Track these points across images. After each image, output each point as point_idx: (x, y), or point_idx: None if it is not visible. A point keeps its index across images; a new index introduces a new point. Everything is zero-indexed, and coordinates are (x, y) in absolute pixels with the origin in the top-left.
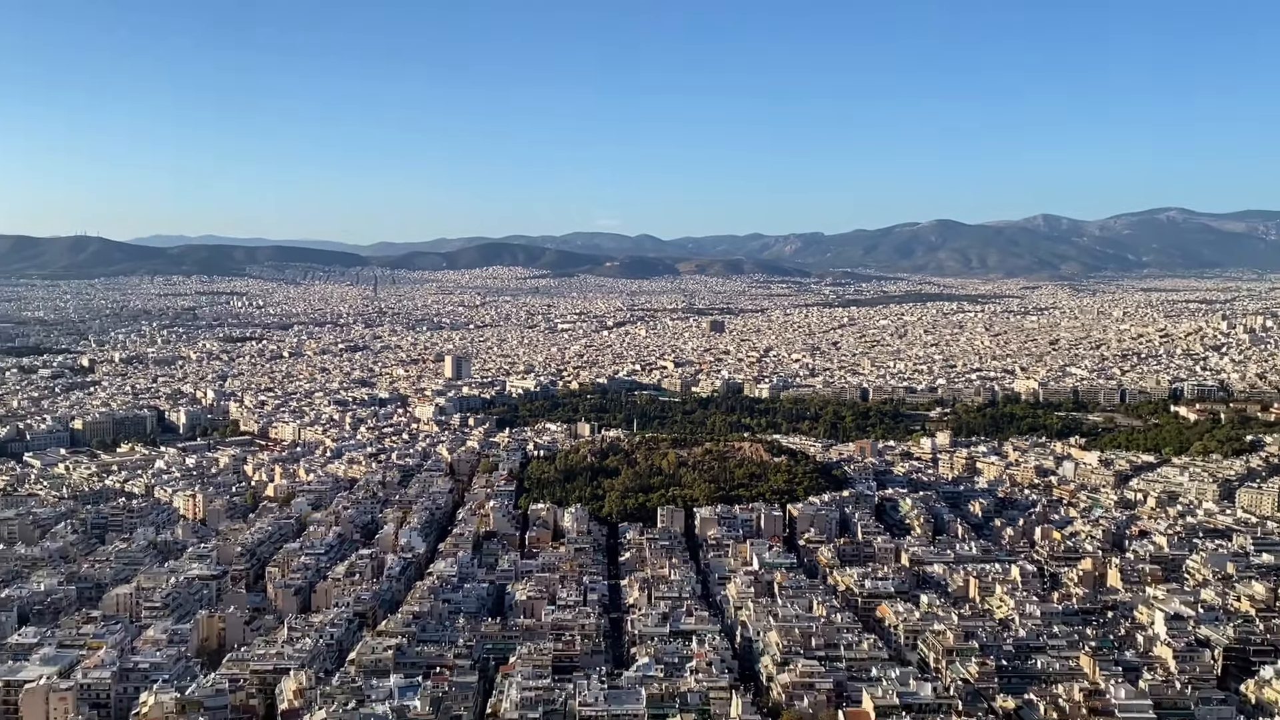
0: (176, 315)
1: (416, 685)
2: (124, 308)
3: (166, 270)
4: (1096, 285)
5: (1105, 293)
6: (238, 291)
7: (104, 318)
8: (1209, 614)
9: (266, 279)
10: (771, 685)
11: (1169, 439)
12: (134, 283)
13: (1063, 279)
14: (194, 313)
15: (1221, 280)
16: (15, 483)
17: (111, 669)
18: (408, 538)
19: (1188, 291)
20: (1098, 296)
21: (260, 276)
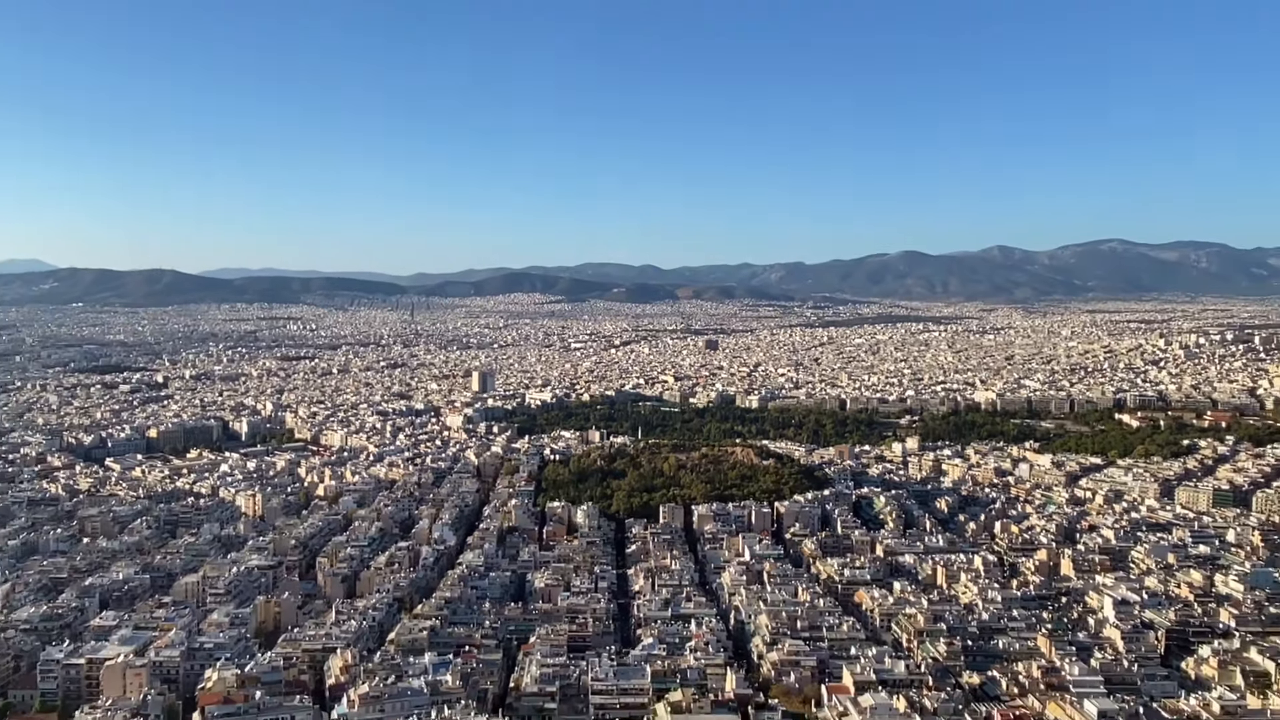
0: (240, 338)
1: (448, 662)
2: (194, 331)
3: (231, 299)
4: (1046, 308)
5: (1054, 314)
6: (293, 317)
7: (176, 340)
8: (1152, 599)
9: (318, 306)
10: (762, 663)
11: (1114, 443)
12: (203, 310)
13: (1016, 302)
14: (255, 335)
15: (1158, 303)
16: (98, 484)
17: (180, 648)
18: (440, 532)
19: (1128, 313)
20: (1048, 318)
21: (313, 304)
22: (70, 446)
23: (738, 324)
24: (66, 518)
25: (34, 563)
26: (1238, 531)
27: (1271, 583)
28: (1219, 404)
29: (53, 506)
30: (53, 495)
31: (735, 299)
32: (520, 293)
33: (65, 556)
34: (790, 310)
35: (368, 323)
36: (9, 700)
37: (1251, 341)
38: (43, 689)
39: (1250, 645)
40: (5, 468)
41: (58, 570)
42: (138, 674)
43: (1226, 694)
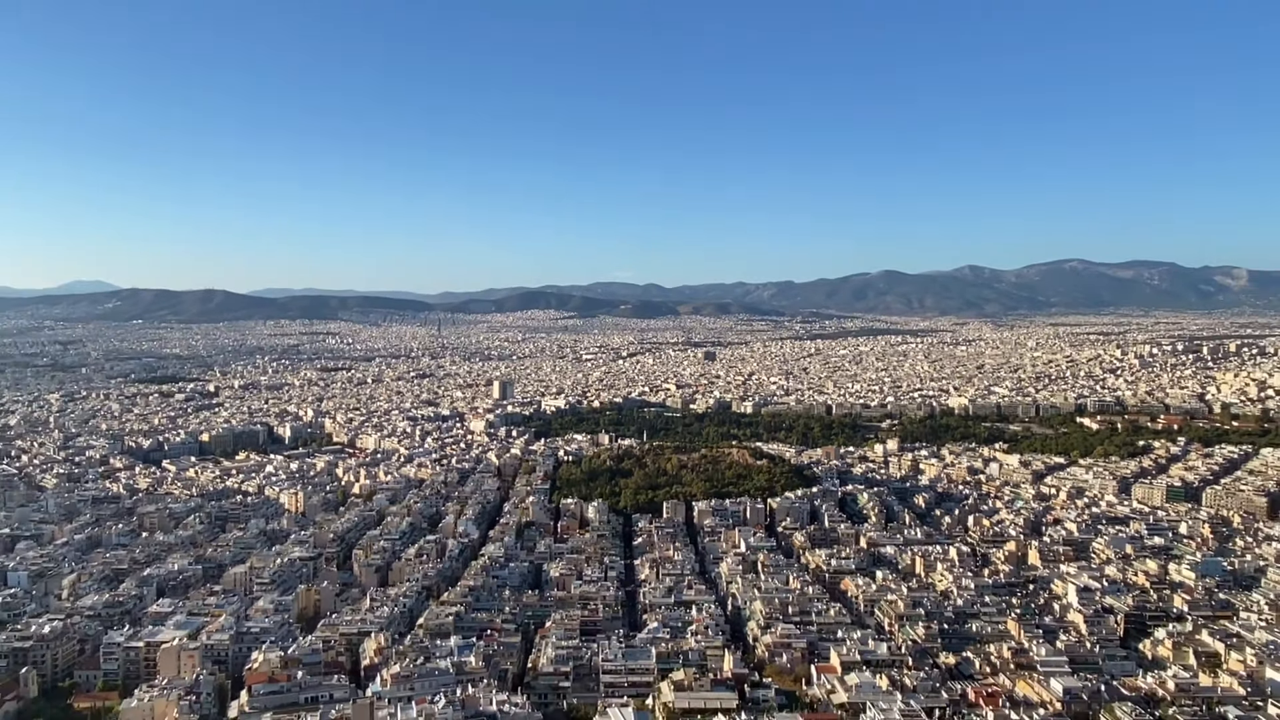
0: (283, 351)
1: (471, 644)
2: (242, 345)
3: (276, 316)
4: (1013, 322)
5: (1021, 328)
6: (332, 332)
7: (226, 353)
8: (1112, 586)
9: (354, 322)
10: (756, 645)
11: (1076, 444)
12: (250, 325)
13: (986, 317)
14: (297, 349)
15: (1115, 317)
16: (155, 484)
17: (229, 632)
18: (464, 526)
19: (1088, 326)
20: (1015, 330)
21: (349, 320)
22: (130, 450)
23: (733, 337)
24: (127, 514)
25: (97, 555)
26: (1189, 524)
27: (1220, 571)
28: (1171, 408)
29: (114, 504)
30: (114, 494)
31: (731, 314)
32: (536, 309)
33: (125, 549)
34: (781, 325)
35: (399, 337)
36: (75, 680)
37: (1200, 352)
38: (105, 670)
39: (1202, 628)
40: (72, 469)
41: (119, 562)
42: (191, 656)
43: (1180, 673)
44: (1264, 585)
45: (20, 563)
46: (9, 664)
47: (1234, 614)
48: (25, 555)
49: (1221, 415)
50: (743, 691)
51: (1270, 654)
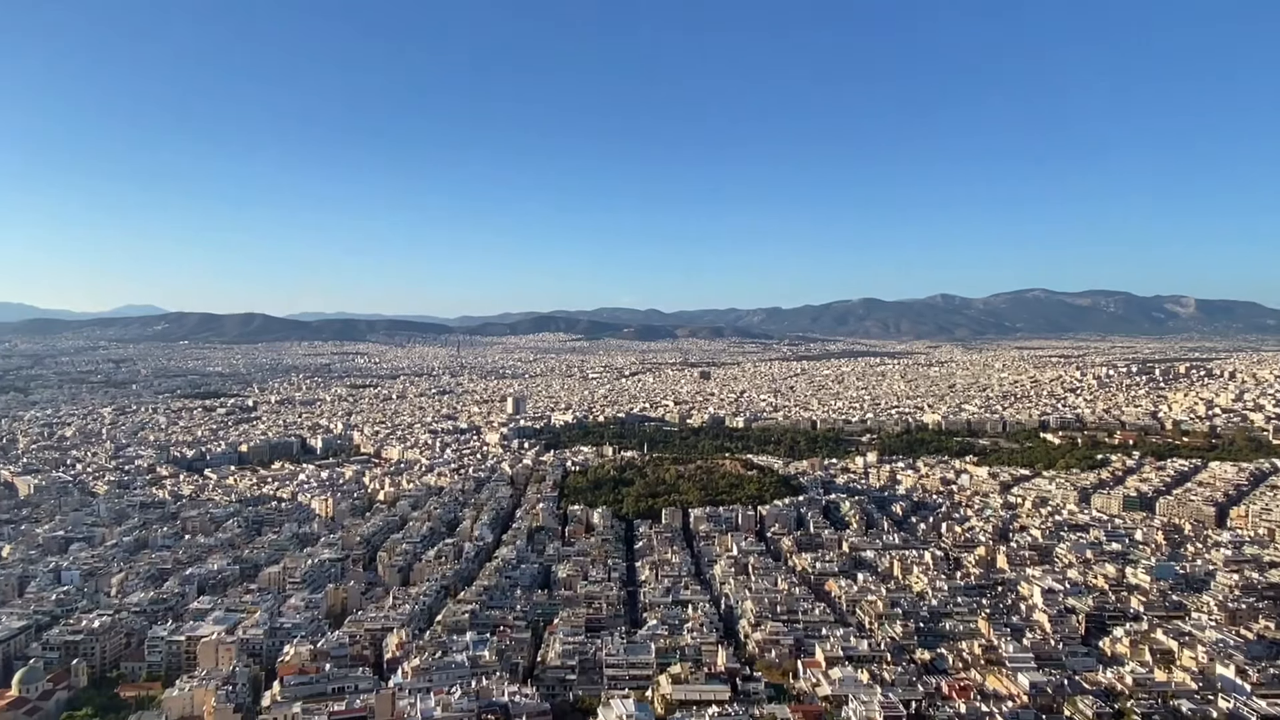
0: (316, 370)
1: (485, 640)
2: (279, 364)
3: (310, 337)
4: (982, 345)
5: (989, 351)
6: (361, 352)
7: (264, 371)
8: (1074, 588)
9: (381, 343)
10: (748, 641)
11: (1040, 457)
12: (286, 346)
13: (957, 341)
14: (329, 368)
15: (1074, 341)
16: (198, 490)
17: (264, 627)
18: (480, 531)
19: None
20: (983, 353)
21: (376, 342)
22: (175, 459)
23: (726, 358)
24: (171, 518)
25: (144, 556)
26: (1144, 531)
27: (1173, 574)
28: (1126, 425)
29: (160, 509)
30: (160, 499)
31: (724, 337)
32: (547, 332)
33: (169, 550)
34: (770, 347)
35: (421, 357)
36: (121, 671)
37: (1153, 373)
38: (149, 661)
39: (1156, 628)
40: (122, 476)
41: (163, 562)
42: (228, 649)
43: (1137, 668)
44: (1213, 588)
45: (73, 562)
46: (61, 656)
47: (1186, 614)
48: (78, 555)
49: (1173, 431)
50: (735, 685)
51: (1220, 651)
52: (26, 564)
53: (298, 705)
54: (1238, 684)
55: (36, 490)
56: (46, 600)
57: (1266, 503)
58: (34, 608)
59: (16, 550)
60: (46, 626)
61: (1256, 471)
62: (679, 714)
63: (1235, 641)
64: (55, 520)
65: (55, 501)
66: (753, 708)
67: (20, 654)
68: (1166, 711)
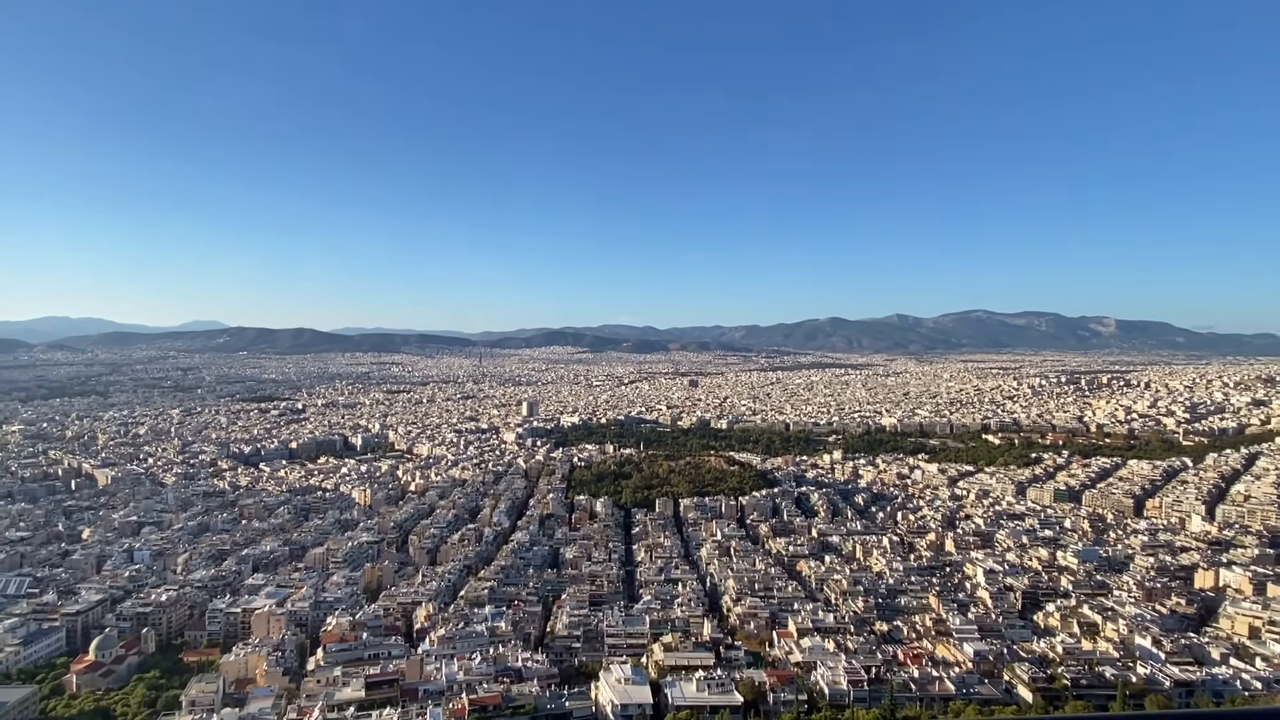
0: (357, 377)
1: (502, 612)
2: (324, 372)
3: (351, 349)
4: (932, 359)
5: (938, 363)
6: (395, 362)
7: (312, 379)
8: (1011, 569)
9: (413, 355)
10: (730, 614)
11: (982, 455)
12: (331, 357)
13: (911, 354)
14: (368, 375)
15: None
16: (253, 481)
17: (310, 601)
18: (498, 517)
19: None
20: (933, 365)
21: (409, 353)
22: (234, 454)
23: (712, 369)
24: (230, 506)
25: (206, 538)
26: (1072, 520)
27: (1097, 558)
28: (1056, 428)
29: (220, 497)
30: (220, 489)
31: (710, 351)
32: (557, 345)
33: (228, 534)
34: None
35: (448, 367)
36: (185, 639)
37: (1079, 383)
38: (209, 630)
39: (1083, 603)
40: (188, 469)
41: (222, 544)
42: (278, 620)
43: (1067, 639)
44: (1132, 569)
45: (144, 544)
46: (133, 625)
47: (1108, 592)
48: (148, 538)
49: (1096, 434)
50: (718, 652)
51: (1138, 625)
52: (104, 545)
53: (338, 669)
54: (1154, 653)
55: (113, 481)
56: (120, 577)
57: (1177, 496)
58: (109, 583)
59: (95, 533)
60: (120, 600)
61: (1169, 469)
62: (670, 677)
63: (1151, 616)
64: (129, 507)
65: (129, 491)
66: (734, 672)
67: (97, 624)
68: (1092, 677)
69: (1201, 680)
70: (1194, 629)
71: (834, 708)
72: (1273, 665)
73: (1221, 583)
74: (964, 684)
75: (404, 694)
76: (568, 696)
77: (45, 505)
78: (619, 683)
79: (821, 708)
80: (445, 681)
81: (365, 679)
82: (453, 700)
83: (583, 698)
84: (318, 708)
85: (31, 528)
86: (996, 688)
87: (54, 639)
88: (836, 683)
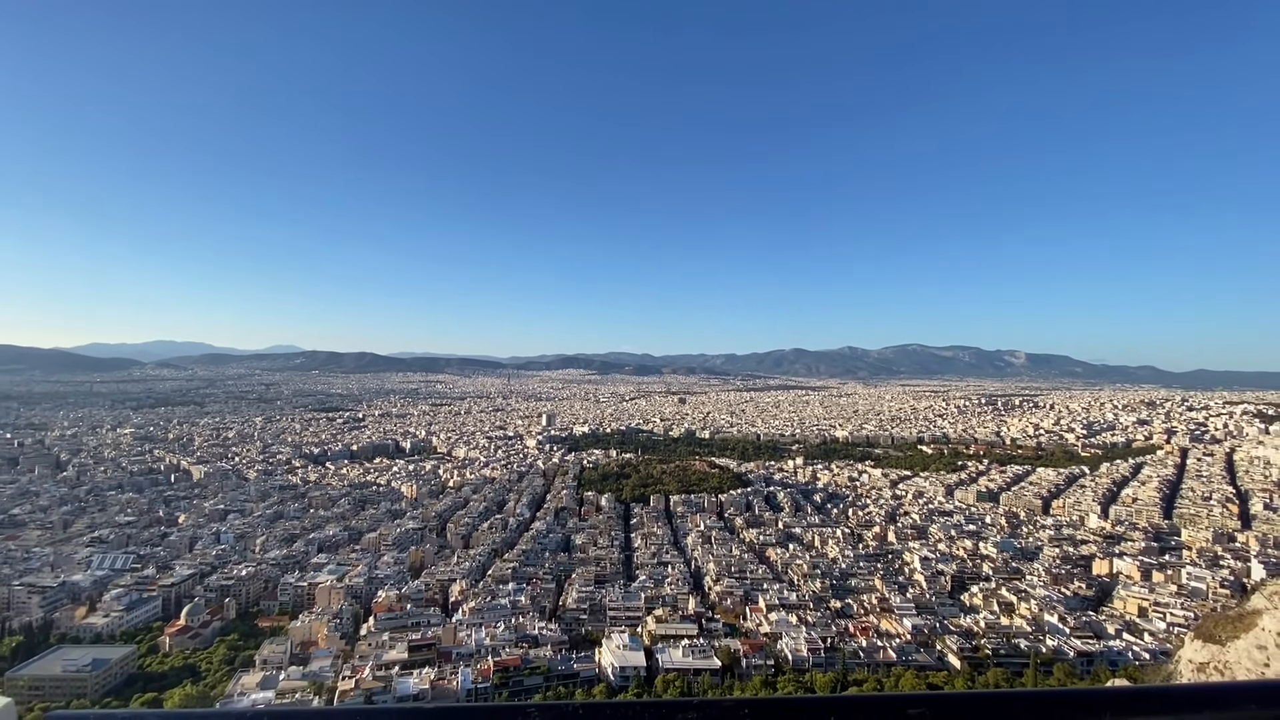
0: (408, 393)
1: (523, 588)
2: (381, 389)
3: (404, 370)
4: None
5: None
6: (440, 381)
7: (371, 394)
8: (942, 557)
9: (454, 375)
10: (710, 592)
11: (917, 462)
12: (388, 376)
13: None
14: (417, 392)
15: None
16: (320, 477)
17: (364, 577)
18: (520, 509)
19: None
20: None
21: (451, 373)
22: (306, 454)
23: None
24: (300, 497)
25: (280, 524)
26: (991, 517)
27: (1012, 548)
28: (978, 441)
29: (293, 490)
30: (293, 483)
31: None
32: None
33: (298, 520)
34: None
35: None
36: (260, 608)
37: (996, 405)
38: (280, 601)
39: (1001, 586)
40: (267, 466)
41: (293, 529)
42: (338, 592)
43: (988, 615)
44: (1041, 558)
45: (229, 528)
46: (218, 596)
47: (1022, 577)
48: (233, 523)
49: (1010, 446)
50: (701, 624)
51: (1047, 604)
52: (196, 529)
53: (386, 634)
54: (1060, 628)
55: (205, 475)
56: (209, 555)
57: (1077, 497)
58: (199, 560)
59: (189, 519)
60: (208, 574)
61: (1070, 475)
62: (660, 645)
63: (1058, 597)
64: (218, 498)
65: (218, 484)
66: (713, 640)
67: (188, 594)
68: (1009, 648)
69: (1100, 651)
70: (1093, 609)
71: (796, 671)
72: (1159, 639)
73: (1114, 570)
74: (903, 653)
75: (440, 656)
76: (576, 659)
77: (149, 495)
78: (618, 649)
79: (786, 671)
80: (474, 646)
81: (408, 643)
82: (480, 662)
83: (588, 661)
84: (368, 666)
85: (136, 513)
86: (930, 656)
87: (151, 606)
88: (798, 650)
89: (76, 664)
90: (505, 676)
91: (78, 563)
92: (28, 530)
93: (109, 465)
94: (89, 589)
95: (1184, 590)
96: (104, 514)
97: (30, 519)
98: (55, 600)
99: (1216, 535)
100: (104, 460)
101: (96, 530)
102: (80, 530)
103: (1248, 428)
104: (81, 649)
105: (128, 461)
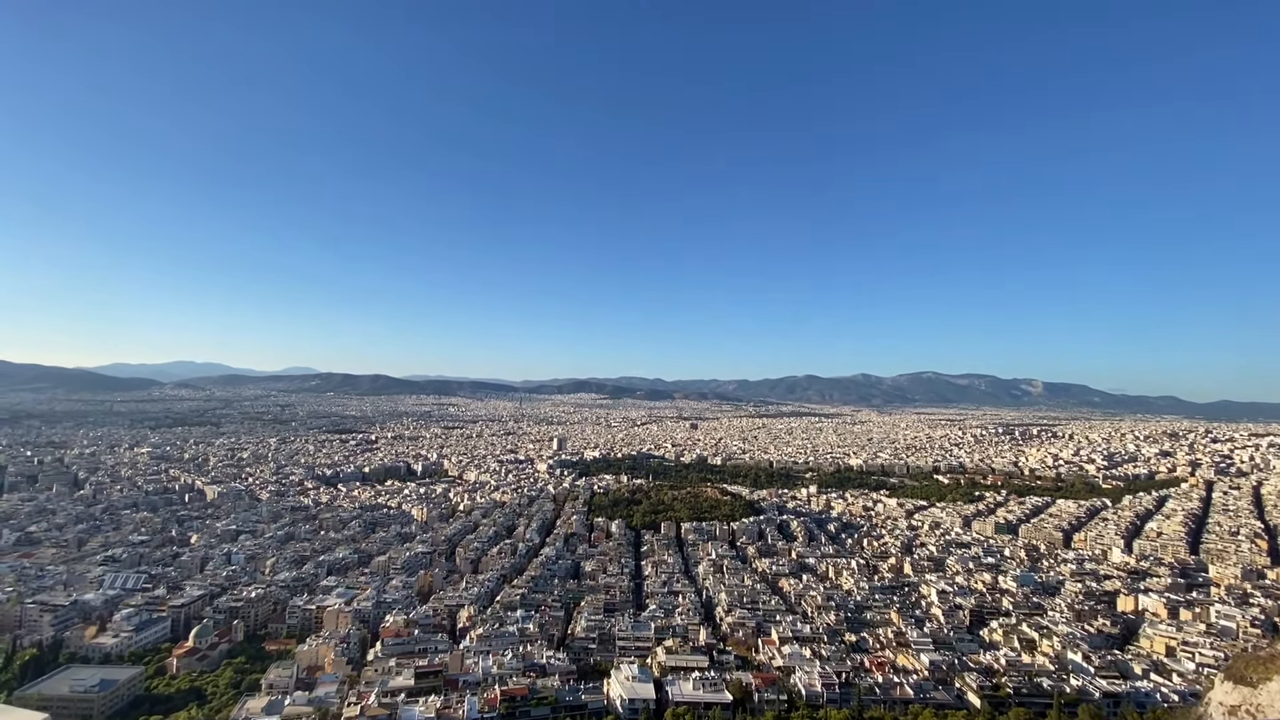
0: (420, 415)
1: (531, 615)
2: (394, 411)
3: (417, 392)
4: (891, 410)
5: (896, 414)
6: (452, 404)
7: (383, 415)
8: (960, 590)
9: (467, 398)
10: (722, 623)
11: (934, 492)
12: (400, 398)
13: (873, 407)
14: (429, 414)
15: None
16: (332, 499)
17: (373, 601)
18: (530, 535)
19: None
20: (892, 416)
21: (463, 396)
22: (318, 476)
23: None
24: (312, 519)
25: (290, 545)
26: (1010, 549)
27: (1033, 582)
28: (995, 470)
29: (304, 511)
30: (305, 505)
31: (708, 400)
32: (583, 393)
33: (309, 542)
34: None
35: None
36: (268, 630)
37: (1014, 434)
38: (288, 623)
39: (1022, 621)
40: (280, 487)
41: (304, 551)
42: (345, 616)
43: (1009, 652)
44: (1063, 593)
45: (240, 549)
46: (226, 617)
47: (1044, 612)
48: (244, 544)
49: (1029, 476)
50: (712, 656)
51: (1070, 642)
52: (207, 549)
53: (393, 660)
54: (1084, 667)
55: (219, 496)
56: (219, 576)
57: (1099, 531)
58: (209, 581)
59: (201, 538)
60: (218, 595)
61: (1091, 507)
62: (670, 676)
63: (1081, 634)
64: (230, 518)
65: (231, 504)
66: (725, 673)
67: (197, 615)
68: (1032, 686)
69: (1127, 692)
70: (1118, 647)
71: (810, 707)
72: (1187, 680)
73: (1140, 607)
74: (921, 690)
75: (447, 683)
76: (584, 690)
77: (163, 514)
78: (627, 680)
79: (799, 707)
80: (481, 674)
81: (415, 669)
82: (487, 690)
83: (596, 692)
84: (374, 693)
85: (150, 532)
86: (949, 694)
87: (160, 627)
88: (812, 685)
89: (84, 684)
90: (512, 706)
91: (90, 581)
92: (43, 548)
93: (125, 484)
94: (100, 608)
95: (1213, 629)
96: (118, 533)
97: (46, 536)
98: (66, 619)
99: (1245, 572)
100: (120, 479)
101: (110, 549)
102: (94, 549)
103: (1275, 460)
104: (90, 669)
105: (144, 480)
